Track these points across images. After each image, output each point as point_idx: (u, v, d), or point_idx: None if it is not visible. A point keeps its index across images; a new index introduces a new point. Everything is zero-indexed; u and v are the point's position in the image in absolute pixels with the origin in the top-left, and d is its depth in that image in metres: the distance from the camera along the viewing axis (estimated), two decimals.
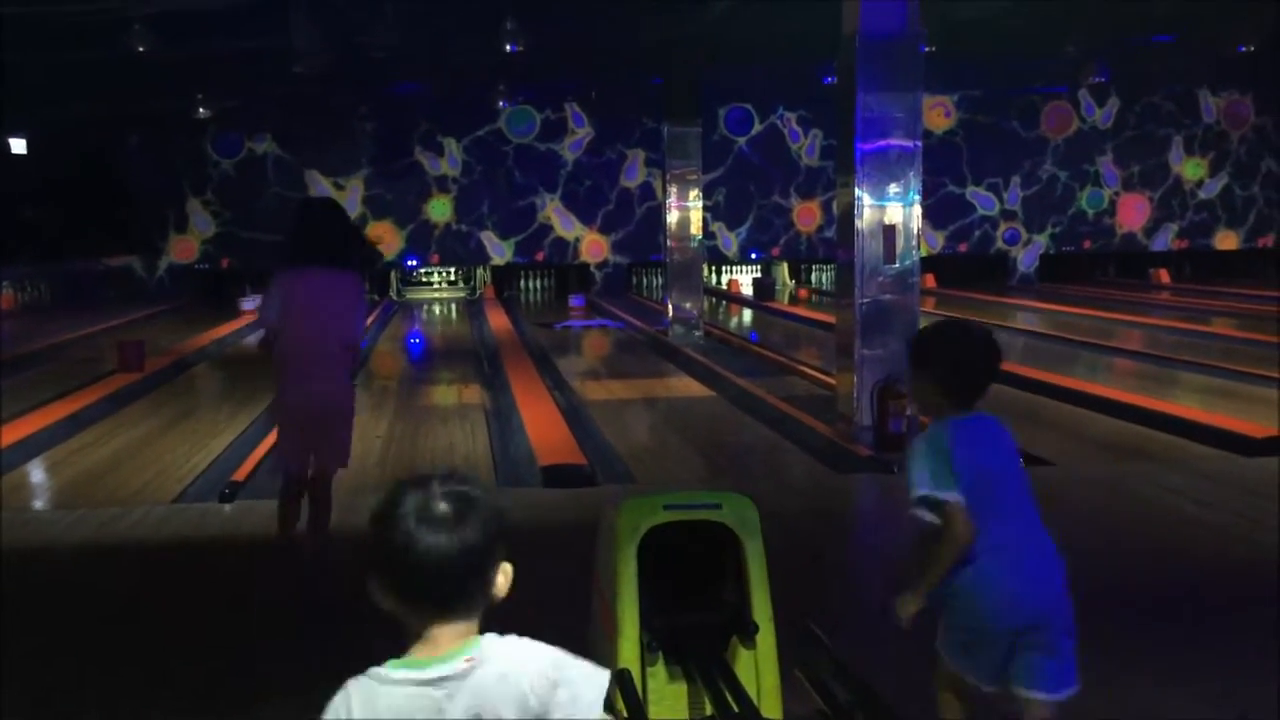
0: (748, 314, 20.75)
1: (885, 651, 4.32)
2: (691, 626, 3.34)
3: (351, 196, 23.70)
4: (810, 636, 3.57)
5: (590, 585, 3.75)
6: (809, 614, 4.30)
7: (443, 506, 1.77)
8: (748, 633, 3.27)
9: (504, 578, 1.83)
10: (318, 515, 5.25)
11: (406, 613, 1.80)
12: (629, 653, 3.21)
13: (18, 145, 22.35)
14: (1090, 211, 25.02)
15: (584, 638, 3.82)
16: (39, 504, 7.57)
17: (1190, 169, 25.05)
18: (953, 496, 2.87)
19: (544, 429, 8.63)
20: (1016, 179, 24.80)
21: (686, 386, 11.90)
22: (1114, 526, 6.03)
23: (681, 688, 3.29)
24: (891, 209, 8.33)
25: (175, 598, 5.22)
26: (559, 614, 4.42)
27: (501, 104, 23.11)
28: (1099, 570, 5.33)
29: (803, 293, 23.19)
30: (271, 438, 8.70)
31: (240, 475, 7.49)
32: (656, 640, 3.23)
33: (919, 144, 8.41)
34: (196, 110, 20.47)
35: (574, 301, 21.49)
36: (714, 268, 24.53)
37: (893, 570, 5.27)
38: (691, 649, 3.29)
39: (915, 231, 8.42)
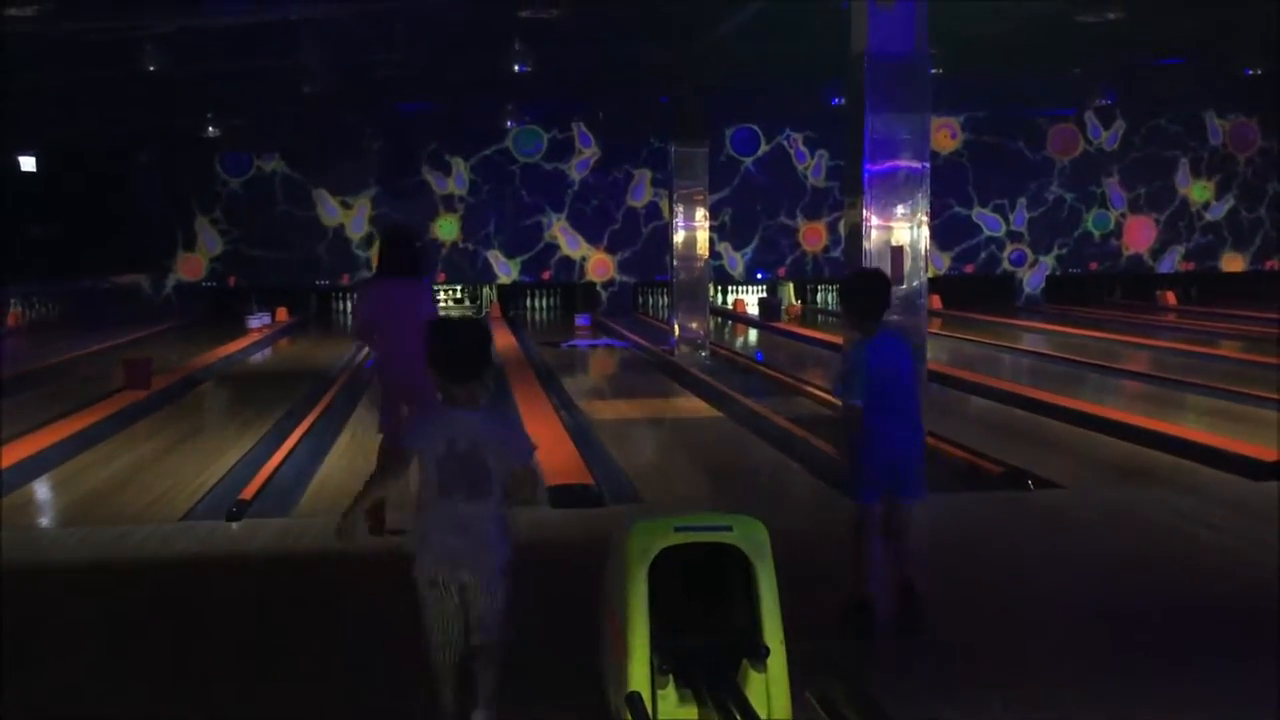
0: (754, 334, 20.75)
1: (894, 674, 4.31)
2: (702, 649, 3.34)
3: (359, 215, 23.80)
4: (821, 659, 3.55)
5: (599, 606, 3.74)
6: (819, 637, 4.29)
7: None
8: (759, 655, 3.26)
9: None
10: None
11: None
12: (639, 675, 3.20)
13: (27, 163, 22.45)
14: (1097, 233, 25.04)
15: (594, 658, 3.82)
16: (45, 522, 7.58)
17: (1197, 191, 25.09)
18: (858, 403, 4.67)
19: (550, 449, 8.60)
20: (1023, 200, 24.84)
21: (693, 406, 11.90)
22: (1125, 551, 6.00)
23: (692, 711, 3.28)
24: (899, 230, 8.33)
25: (182, 617, 5.20)
26: (567, 633, 4.42)
27: (509, 124, 23.22)
28: (1110, 595, 5.32)
29: (794, 309, 23.16)
30: (279, 457, 8.76)
31: (247, 494, 7.48)
32: (667, 663, 3.22)
33: (927, 165, 8.41)
34: (206, 129, 20.58)
35: (580, 321, 21.51)
36: (720, 287, 24.57)
37: (899, 593, 5.26)
38: (702, 672, 3.28)
39: (923, 253, 8.42)
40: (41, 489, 8.38)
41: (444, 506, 3.51)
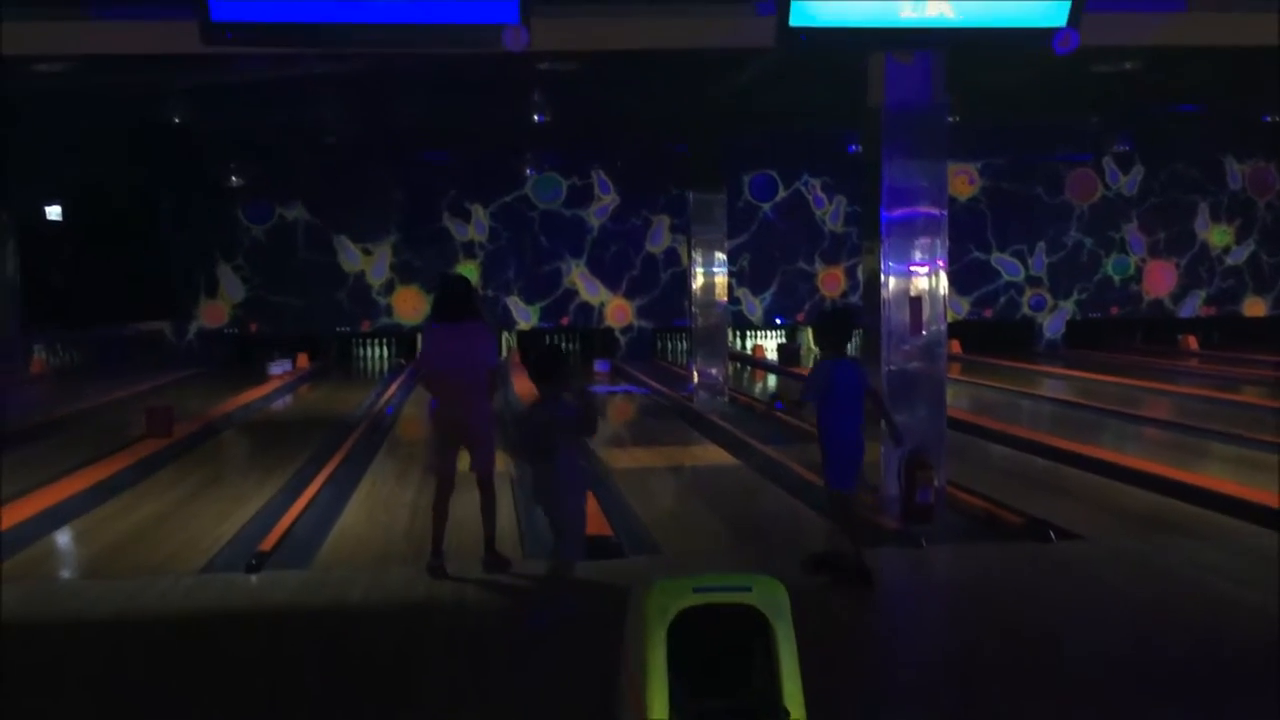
0: (773, 379, 20.73)
1: None
2: (722, 711, 3.32)
3: (380, 262, 23.97)
4: None
5: (618, 663, 3.72)
6: (839, 698, 4.26)
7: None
8: (778, 718, 3.24)
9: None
10: (486, 504, 6.72)
11: None
12: None
13: (53, 211, 22.73)
14: (1117, 278, 24.99)
15: (611, 714, 3.80)
16: (67, 574, 7.60)
17: (1217, 235, 25.02)
18: (816, 401, 6.16)
19: None
20: (1042, 245, 24.83)
21: (711, 454, 11.88)
22: (1147, 605, 5.95)
23: None
24: (917, 278, 8.35)
25: (202, 672, 5.21)
26: (585, 686, 4.40)
27: (528, 171, 23.40)
28: (1132, 650, 5.26)
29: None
30: (299, 507, 8.77)
31: (267, 545, 7.49)
32: None
33: (944, 212, 8.44)
34: (229, 178, 20.82)
35: (599, 367, 21.53)
36: (739, 333, 24.59)
37: (923, 651, 5.20)
38: None
39: (942, 301, 8.42)
40: (63, 539, 8.42)
41: None
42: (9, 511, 8.66)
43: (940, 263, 8.38)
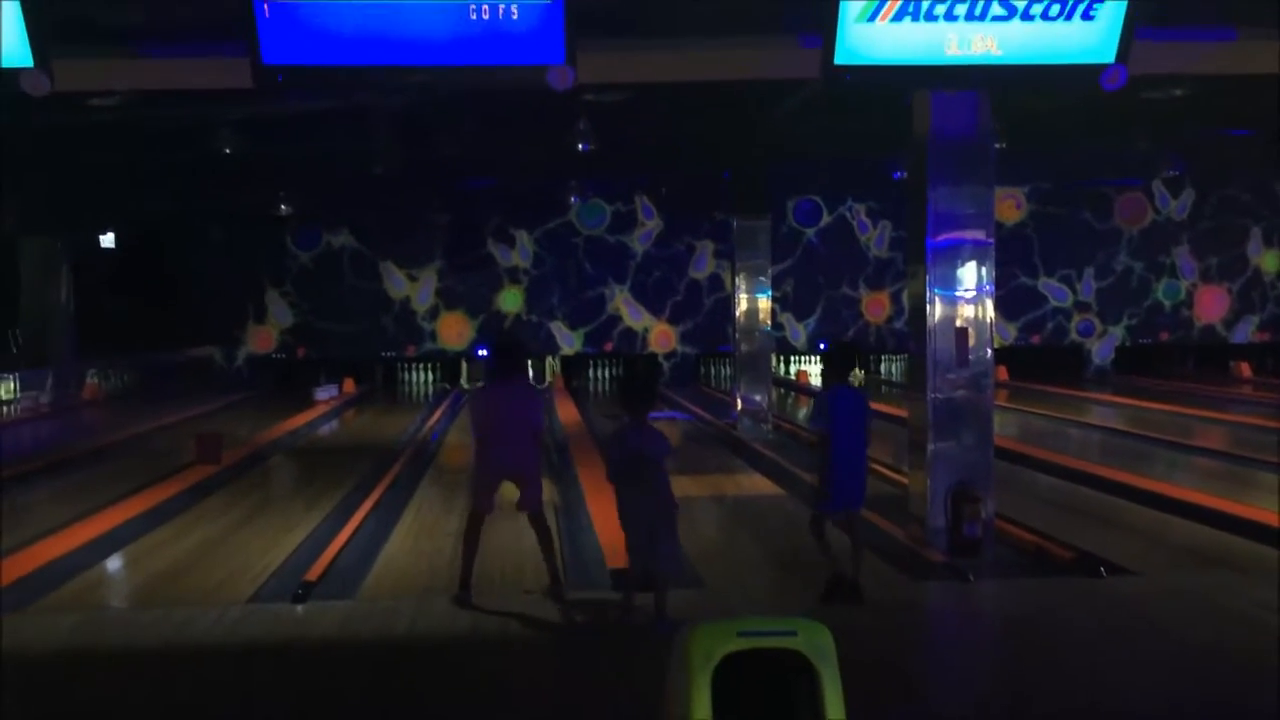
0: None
1: None
2: None
3: (425, 288, 24.18)
4: None
5: (661, 706, 3.70)
6: None
7: None
8: None
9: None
10: (545, 542, 7.11)
11: None
12: None
13: (106, 240, 23.16)
14: (1167, 303, 24.67)
15: None
16: (116, 603, 7.69)
17: (1270, 260, 24.65)
18: (826, 428, 6.60)
19: (613, 528, 8.53)
20: (1090, 270, 24.58)
21: (755, 484, 11.82)
22: (1202, 644, 5.83)
23: None
24: (963, 305, 8.27)
25: (248, 705, 5.24)
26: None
27: (572, 198, 23.53)
28: (1188, 693, 5.15)
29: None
30: (344, 536, 8.83)
31: (313, 575, 7.54)
32: None
33: (991, 239, 8.37)
34: (278, 206, 21.10)
35: None
36: (783, 358, 24.52)
37: (970, 691, 5.12)
38: None
39: (988, 329, 8.34)
40: (114, 566, 8.52)
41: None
42: (64, 537, 8.81)
43: (987, 290, 8.31)
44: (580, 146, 13.40)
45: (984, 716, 5.06)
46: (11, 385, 19.65)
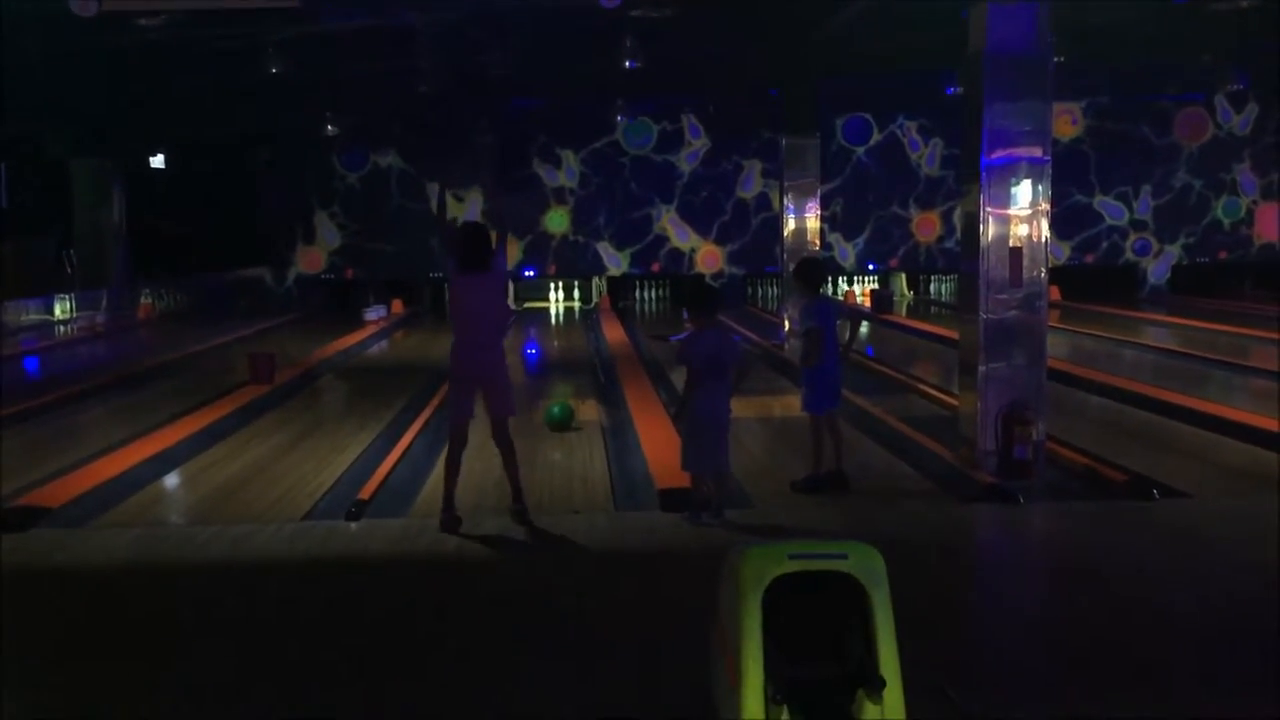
0: (865, 327, 20.47)
1: (1011, 705, 4.21)
2: (817, 679, 3.31)
3: (472, 208, 24.12)
4: (939, 694, 3.49)
5: (709, 627, 3.73)
6: (936, 666, 4.22)
7: None
8: (874, 687, 3.22)
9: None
10: (507, 457, 6.95)
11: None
12: (753, 704, 3.19)
13: (156, 160, 23.30)
14: (1226, 221, 24.11)
15: (702, 675, 3.82)
16: (176, 519, 7.86)
17: None
18: (816, 327, 7.40)
19: (661, 449, 8.61)
20: (1147, 188, 24.04)
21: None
22: (1259, 565, 5.77)
23: None
24: (1018, 224, 8.12)
25: (307, 618, 5.36)
26: (677, 641, 4.43)
27: (619, 117, 23.28)
28: (1243, 617, 5.12)
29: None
30: (395, 455, 8.93)
31: (365, 494, 7.65)
32: (781, 692, 3.21)
33: (1048, 156, 8.17)
34: (325, 127, 21.10)
35: (687, 315, 21.44)
36: (831, 279, 24.30)
37: (1020, 615, 5.12)
38: (817, 702, 3.26)
39: (1043, 249, 8.19)
40: (172, 483, 8.70)
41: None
42: (122, 455, 9.00)
43: (1042, 208, 8.14)
44: (627, 64, 13.23)
45: (1035, 639, 5.06)
46: (68, 305, 19.99)
